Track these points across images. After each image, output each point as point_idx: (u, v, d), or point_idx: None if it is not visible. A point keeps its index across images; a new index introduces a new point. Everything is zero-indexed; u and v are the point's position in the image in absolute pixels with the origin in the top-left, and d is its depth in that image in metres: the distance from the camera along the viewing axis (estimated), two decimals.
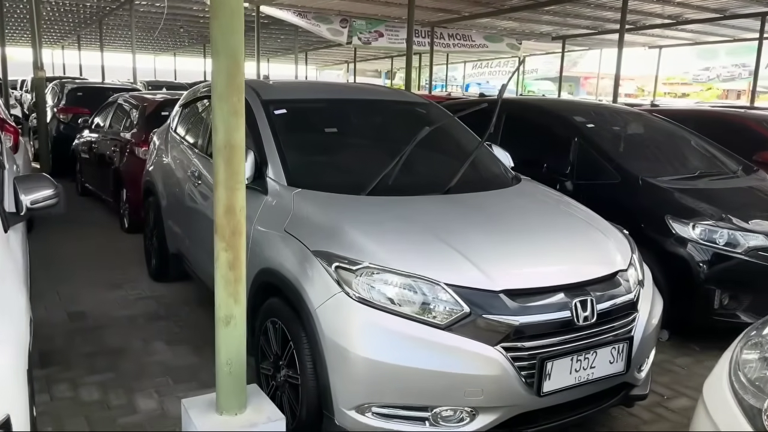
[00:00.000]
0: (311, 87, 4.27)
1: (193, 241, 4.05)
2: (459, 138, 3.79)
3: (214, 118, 2.23)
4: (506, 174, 3.61)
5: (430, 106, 4.01)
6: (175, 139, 4.67)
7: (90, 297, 4.62)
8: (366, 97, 3.90)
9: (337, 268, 2.44)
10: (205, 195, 3.76)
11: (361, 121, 3.71)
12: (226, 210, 2.25)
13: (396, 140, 3.61)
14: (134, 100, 7.17)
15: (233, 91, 2.20)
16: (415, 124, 3.77)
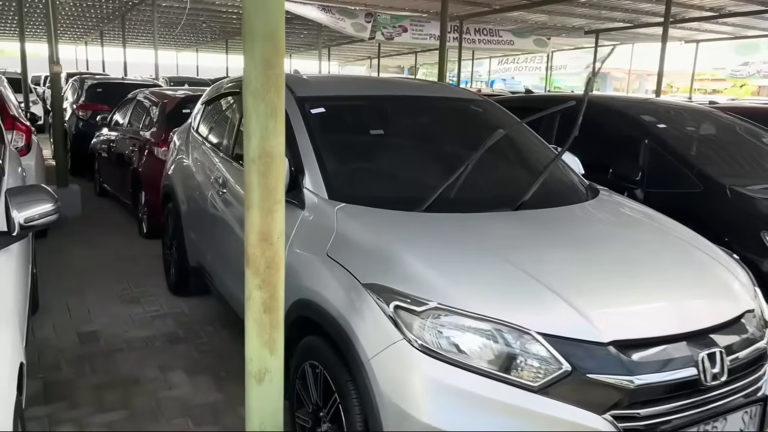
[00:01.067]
0: (351, 82, 3.78)
1: (215, 256, 3.58)
2: (522, 141, 3.27)
3: (247, 120, 1.75)
4: (580, 184, 3.09)
5: (486, 103, 3.49)
6: (197, 140, 4.21)
7: (103, 313, 4.19)
8: (414, 94, 3.39)
9: (397, 309, 1.95)
10: (230, 204, 3.29)
11: (410, 121, 3.21)
12: (261, 237, 1.77)
13: (452, 144, 3.12)
14: (154, 96, 6.75)
15: (271, 86, 1.71)
16: (472, 124, 3.27)
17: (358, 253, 2.23)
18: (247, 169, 1.76)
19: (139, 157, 6.24)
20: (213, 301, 4.38)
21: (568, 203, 2.77)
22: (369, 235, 2.29)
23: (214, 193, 3.51)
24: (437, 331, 1.89)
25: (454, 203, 2.53)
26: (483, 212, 2.54)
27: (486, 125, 3.26)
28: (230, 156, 3.52)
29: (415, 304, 1.93)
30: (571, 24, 21.07)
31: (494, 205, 2.61)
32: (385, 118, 3.18)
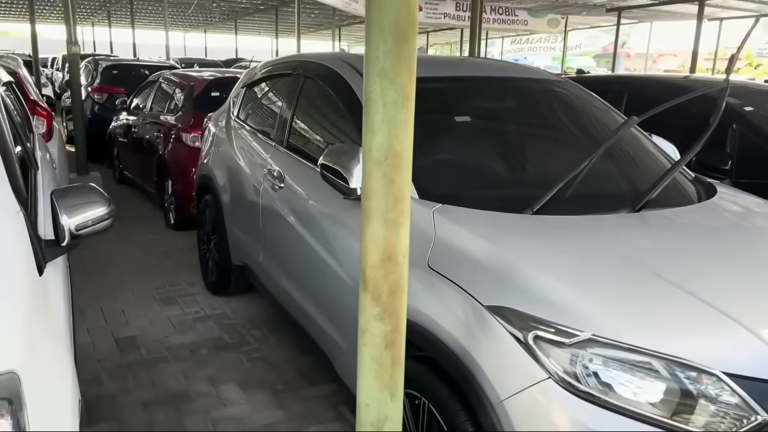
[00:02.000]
0: (422, 61, 3.40)
1: (269, 256, 3.24)
2: (605, 126, 2.89)
3: (368, 109, 1.39)
4: (689, 178, 2.72)
5: (572, 86, 3.11)
6: (240, 127, 3.85)
7: (139, 316, 3.87)
8: (496, 75, 3.02)
9: (538, 340, 1.60)
10: (289, 200, 2.93)
11: (498, 106, 2.84)
12: (384, 256, 1.42)
13: (551, 133, 2.75)
14: (178, 79, 6.37)
15: (403, 67, 1.35)
16: (568, 110, 2.89)
17: (470, 266, 1.87)
18: (368, 172, 1.41)
19: (164, 144, 5.88)
20: (254, 302, 4.05)
21: (687, 202, 2.41)
22: (481, 243, 1.93)
23: (267, 187, 3.16)
24: (593, 371, 1.54)
25: (565, 203, 2.18)
26: (600, 214, 2.18)
27: (585, 111, 2.89)
28: (284, 146, 3.16)
29: (562, 335, 1.58)
30: (593, 2, 20.47)
31: (610, 206, 2.25)
32: (470, 102, 2.80)
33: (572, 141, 2.70)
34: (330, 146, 2.43)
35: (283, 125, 3.22)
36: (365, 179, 1.42)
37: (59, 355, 1.57)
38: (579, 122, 2.80)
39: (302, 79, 3.20)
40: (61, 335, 1.68)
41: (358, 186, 2.28)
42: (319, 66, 3.07)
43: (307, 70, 3.17)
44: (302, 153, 2.99)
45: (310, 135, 3.13)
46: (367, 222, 1.43)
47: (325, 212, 2.61)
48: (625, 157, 2.64)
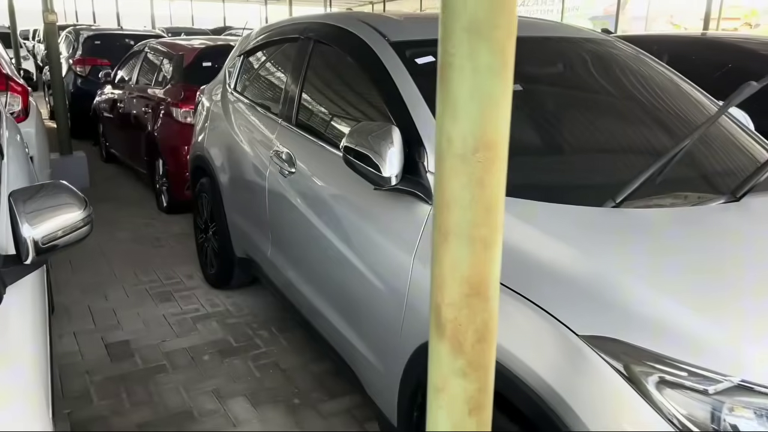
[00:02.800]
0: None
1: (278, 252, 2.81)
2: (683, 96, 2.46)
3: (447, 80, 0.96)
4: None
5: (623, 45, 2.65)
6: (238, 102, 3.39)
7: (132, 315, 3.46)
8: (537, 34, 2.55)
9: (663, 385, 1.20)
10: (302, 188, 2.51)
11: (549, 72, 2.39)
12: (470, 290, 1.00)
13: (615, 102, 2.32)
14: (166, 48, 5.85)
15: (504, 16, 0.92)
16: (629, 75, 2.45)
17: (553, 280, 1.46)
18: (447, 172, 0.98)
19: (153, 120, 5.40)
20: (259, 296, 3.65)
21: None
22: (564, 249, 1.52)
23: (275, 171, 2.72)
24: (735, 423, 1.15)
25: (650, 192, 1.76)
26: (694, 204, 1.77)
27: (651, 76, 2.45)
28: (293, 123, 2.71)
29: (698, 380, 1.18)
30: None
31: (704, 193, 1.84)
32: (516, 69, 2.36)
33: (644, 112, 2.27)
34: (355, 126, 1.99)
35: (291, 99, 2.77)
36: (441, 182, 1.00)
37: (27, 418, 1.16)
38: (647, 90, 2.37)
39: (312, 44, 2.74)
40: (32, 389, 1.27)
41: (392, 174, 1.86)
42: (335, 29, 2.60)
43: (319, 33, 2.71)
44: (315, 132, 2.56)
45: (324, 111, 2.68)
46: (443, 241, 1.01)
47: (350, 204, 2.19)
48: (709, 132, 2.22)
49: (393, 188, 1.88)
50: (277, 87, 3.05)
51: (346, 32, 2.49)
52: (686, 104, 2.32)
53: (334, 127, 2.52)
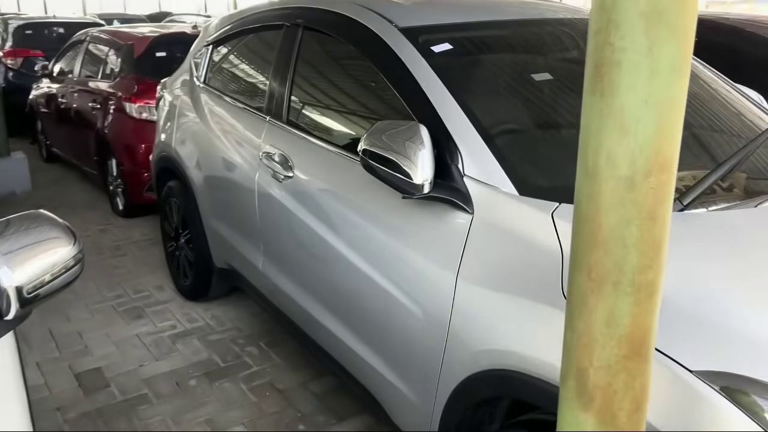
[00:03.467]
0: (442, 3, 2.64)
1: (274, 265, 2.53)
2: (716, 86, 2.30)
3: (609, 77, 0.73)
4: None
5: None
6: (213, 96, 3.07)
7: (101, 338, 3.12)
8: (548, 18, 2.34)
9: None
10: (305, 196, 2.24)
11: (573, 58, 2.18)
12: (629, 351, 0.79)
13: None
14: (112, 37, 5.38)
15: (689, 2, 0.70)
16: None
17: None
18: (600, 197, 0.76)
19: (103, 116, 4.96)
20: (241, 306, 3.37)
21: None
22: None
23: (266, 176, 2.44)
24: None
25: (713, 190, 1.60)
26: (758, 201, 1.61)
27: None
28: (285, 121, 2.43)
29: None
30: None
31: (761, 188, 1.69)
32: (538, 55, 2.14)
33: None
34: (373, 126, 1.75)
35: (279, 95, 2.48)
36: (594, 214, 0.77)
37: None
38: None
39: (301, 32, 2.45)
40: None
41: (425, 180, 1.63)
42: (329, 14, 2.32)
43: (310, 20, 2.42)
44: (316, 132, 2.29)
45: (324, 108, 2.41)
46: (594, 290, 0.79)
47: (370, 214, 1.94)
48: (732, 119, 2.07)
49: (426, 196, 1.65)
50: (260, 80, 2.75)
51: (344, 18, 2.22)
52: (723, 96, 2.16)
53: (340, 126, 2.26)
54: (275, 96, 2.50)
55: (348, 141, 2.13)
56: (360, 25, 2.13)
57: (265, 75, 2.69)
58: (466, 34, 2.13)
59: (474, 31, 2.14)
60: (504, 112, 1.91)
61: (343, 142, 2.13)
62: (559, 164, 1.70)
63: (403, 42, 1.98)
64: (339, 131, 2.25)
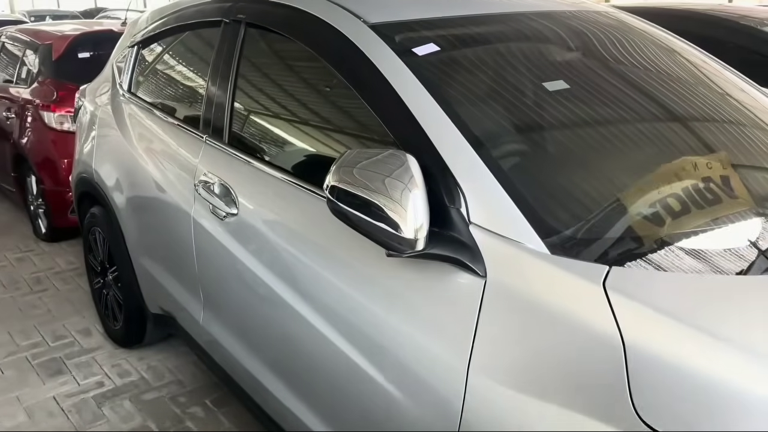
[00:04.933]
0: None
1: (216, 318, 2.04)
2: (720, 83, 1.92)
3: None
4: None
5: (621, 15, 2.08)
6: (138, 107, 2.54)
7: (9, 402, 2.57)
8: (564, 9, 1.90)
9: None
10: (253, 239, 1.75)
11: (590, 60, 1.75)
12: None
13: (689, 97, 1.74)
14: (28, 37, 4.72)
15: None
16: (658, 54, 1.88)
17: (746, 413, 0.87)
18: None
19: (19, 127, 4.33)
20: (181, 354, 2.86)
21: None
22: (753, 364, 0.92)
23: (204, 210, 1.94)
24: None
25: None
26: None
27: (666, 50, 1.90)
28: (226, 142, 1.94)
29: None
30: None
31: None
32: (545, 58, 1.71)
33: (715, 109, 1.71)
34: (343, 156, 1.30)
35: (219, 109, 1.98)
36: None
37: None
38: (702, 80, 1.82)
39: (243, 30, 1.96)
40: None
41: (419, 234, 1.19)
42: (280, 9, 1.83)
43: (253, 15, 1.93)
44: (266, 157, 1.81)
45: (276, 127, 1.93)
46: None
47: (344, 269, 1.48)
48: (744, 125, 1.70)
49: (418, 253, 1.21)
50: (195, 90, 2.25)
51: (298, 13, 1.75)
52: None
53: (297, 150, 1.79)
54: (213, 110, 2.01)
55: (309, 170, 1.67)
56: (319, 22, 1.66)
57: (200, 84, 2.18)
58: (457, 31, 1.68)
59: (467, 28, 1.70)
60: (518, 134, 1.48)
61: (302, 171, 1.67)
62: (607, 206, 1.28)
63: (376, 42, 1.53)
64: (296, 157, 1.78)
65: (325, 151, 1.70)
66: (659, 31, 2.04)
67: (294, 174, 1.66)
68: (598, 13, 1.98)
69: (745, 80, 1.92)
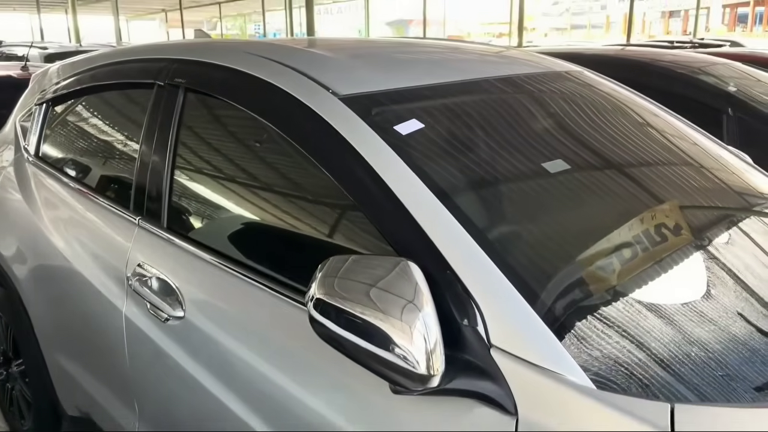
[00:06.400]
0: (389, 54, 1.94)
1: (148, 427, 1.72)
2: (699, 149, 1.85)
3: None
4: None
5: (587, 76, 1.98)
6: (48, 176, 2.18)
7: None
8: (534, 72, 1.76)
9: None
10: (197, 345, 1.46)
11: (580, 134, 1.60)
12: None
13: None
14: None
15: None
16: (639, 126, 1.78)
17: None
18: None
19: None
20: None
21: None
22: None
23: (139, 308, 1.63)
24: None
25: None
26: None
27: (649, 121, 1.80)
28: (164, 226, 1.65)
29: None
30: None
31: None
32: (544, 133, 1.54)
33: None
34: (330, 263, 1.07)
35: (154, 184, 1.68)
36: None
37: None
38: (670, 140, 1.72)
39: (182, 96, 1.68)
40: None
41: (435, 369, 0.97)
42: (229, 75, 1.56)
43: (197, 80, 1.66)
44: (218, 247, 1.53)
45: (235, 210, 1.65)
46: None
47: (327, 396, 1.22)
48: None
49: (433, 389, 0.99)
50: (122, 161, 1.94)
51: (253, 81, 1.50)
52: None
53: (258, 240, 1.52)
54: (147, 186, 1.71)
55: (278, 266, 1.41)
56: (279, 92, 1.42)
57: (130, 154, 1.88)
58: (446, 101, 1.50)
59: (455, 97, 1.51)
60: (539, 231, 1.29)
61: (270, 267, 1.40)
62: (663, 327, 1.10)
63: (354, 121, 1.31)
64: (260, 249, 1.51)
65: (298, 243, 1.44)
66: (624, 91, 1.94)
67: (258, 271, 1.39)
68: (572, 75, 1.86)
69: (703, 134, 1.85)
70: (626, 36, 14.25)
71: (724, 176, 1.69)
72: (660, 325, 1.10)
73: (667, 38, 12.88)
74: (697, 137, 1.82)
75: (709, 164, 1.71)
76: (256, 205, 1.57)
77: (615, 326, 1.08)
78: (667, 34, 25.50)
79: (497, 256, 1.11)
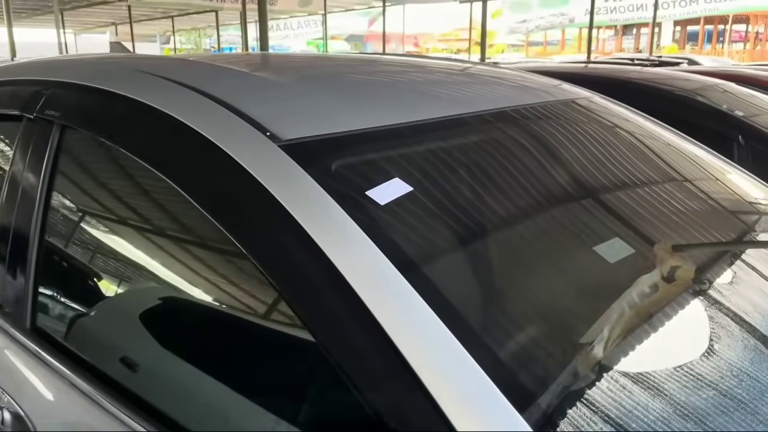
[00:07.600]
0: (379, 77, 1.46)
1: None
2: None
3: None
4: None
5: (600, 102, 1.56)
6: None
7: None
8: (522, 103, 1.30)
9: None
10: None
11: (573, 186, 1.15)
12: None
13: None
14: None
15: None
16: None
17: None
18: None
19: None
20: None
21: None
22: None
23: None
24: None
25: None
26: None
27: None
28: (29, 328, 1.12)
29: None
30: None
31: None
32: (535, 197, 1.08)
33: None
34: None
35: (12, 268, 1.16)
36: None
37: None
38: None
39: (56, 134, 1.16)
40: None
41: None
42: (123, 105, 1.06)
43: (76, 113, 1.15)
44: (112, 372, 1.01)
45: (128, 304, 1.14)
46: None
47: None
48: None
49: None
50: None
51: (158, 118, 1.00)
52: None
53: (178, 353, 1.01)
54: (4, 270, 1.18)
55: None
56: (190, 135, 0.93)
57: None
58: (443, 144, 1.02)
59: (453, 140, 1.04)
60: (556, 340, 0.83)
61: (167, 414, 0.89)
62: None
63: (298, 176, 0.83)
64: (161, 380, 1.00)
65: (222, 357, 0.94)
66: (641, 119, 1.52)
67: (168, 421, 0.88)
68: (592, 107, 1.42)
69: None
70: (587, 53, 14.14)
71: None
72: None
73: (625, 55, 12.83)
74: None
75: None
76: (155, 293, 1.06)
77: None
78: (620, 52, 25.84)
79: (495, 372, 0.64)
